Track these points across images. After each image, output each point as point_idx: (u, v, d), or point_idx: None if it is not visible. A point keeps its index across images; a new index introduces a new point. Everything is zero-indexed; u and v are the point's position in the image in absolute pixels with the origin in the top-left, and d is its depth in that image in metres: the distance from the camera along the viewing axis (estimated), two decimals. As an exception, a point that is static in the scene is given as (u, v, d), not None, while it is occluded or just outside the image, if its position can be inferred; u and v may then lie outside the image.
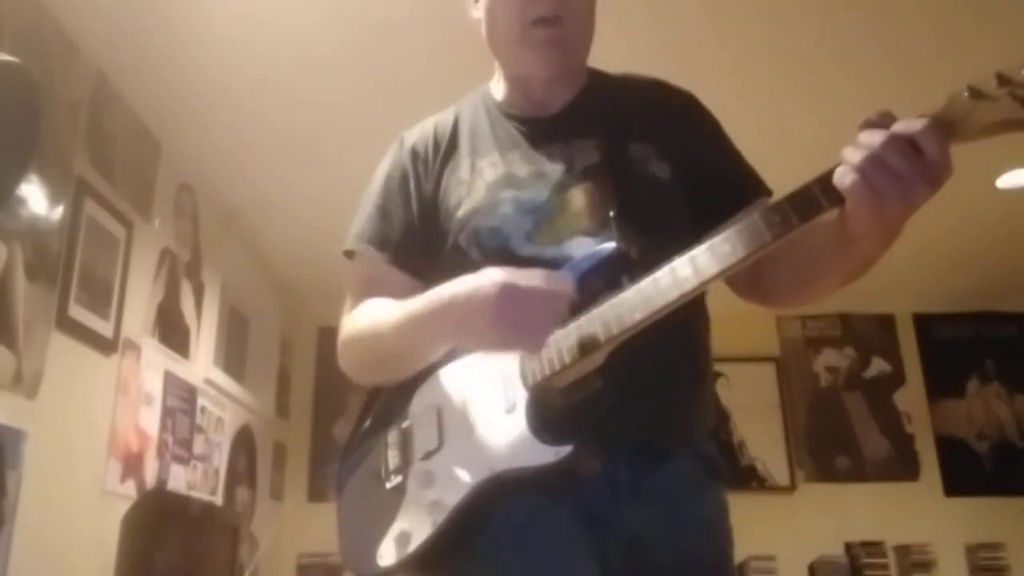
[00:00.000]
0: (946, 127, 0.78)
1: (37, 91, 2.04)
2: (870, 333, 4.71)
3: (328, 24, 2.35)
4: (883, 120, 0.81)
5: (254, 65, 2.51)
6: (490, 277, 0.92)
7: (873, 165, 0.78)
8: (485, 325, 0.91)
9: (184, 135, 2.86)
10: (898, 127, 0.79)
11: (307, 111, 2.75)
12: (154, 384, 2.76)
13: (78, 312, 2.27)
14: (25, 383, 2.02)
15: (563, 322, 0.93)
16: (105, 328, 2.43)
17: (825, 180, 0.82)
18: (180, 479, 2.92)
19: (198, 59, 2.47)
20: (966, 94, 0.78)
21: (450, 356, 1.05)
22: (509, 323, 0.89)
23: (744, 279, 1.07)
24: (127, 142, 2.64)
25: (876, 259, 0.90)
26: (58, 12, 2.20)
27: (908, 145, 0.78)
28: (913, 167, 0.77)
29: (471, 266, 1.05)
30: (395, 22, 2.34)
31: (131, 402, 2.57)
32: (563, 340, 0.93)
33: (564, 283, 0.92)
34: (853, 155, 0.80)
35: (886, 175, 0.78)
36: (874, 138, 0.79)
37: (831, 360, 4.68)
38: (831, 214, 0.83)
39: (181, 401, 2.96)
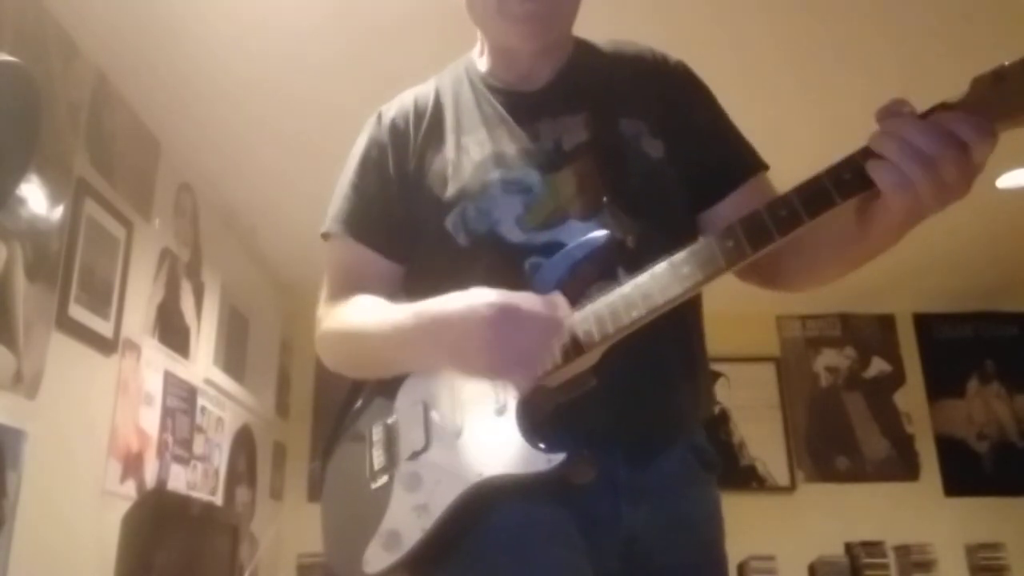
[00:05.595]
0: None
1: (37, 91, 2.04)
2: (870, 333, 4.71)
3: (329, 25, 2.35)
4: (900, 108, 0.77)
5: (254, 65, 2.51)
6: (485, 298, 0.87)
7: (926, 172, 0.73)
8: (476, 348, 0.86)
9: (184, 135, 2.86)
10: (952, 126, 0.73)
11: (307, 111, 2.74)
12: (154, 384, 2.76)
13: (78, 312, 2.27)
14: (25, 383, 2.02)
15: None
16: (105, 328, 2.42)
17: (836, 173, 0.78)
18: (180, 479, 2.92)
19: (198, 59, 2.47)
20: (991, 78, 0.74)
21: None
22: (500, 348, 0.85)
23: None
24: (127, 142, 2.64)
25: (882, 252, 0.86)
26: (58, 12, 2.20)
27: (962, 149, 0.73)
28: (964, 171, 0.74)
29: (457, 251, 1.01)
30: (396, 22, 2.34)
31: (131, 402, 2.57)
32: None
33: (559, 311, 0.87)
34: (900, 156, 0.74)
35: (936, 184, 0.74)
36: (932, 145, 0.73)
37: (831, 360, 4.67)
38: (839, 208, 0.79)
39: (181, 401, 2.96)
